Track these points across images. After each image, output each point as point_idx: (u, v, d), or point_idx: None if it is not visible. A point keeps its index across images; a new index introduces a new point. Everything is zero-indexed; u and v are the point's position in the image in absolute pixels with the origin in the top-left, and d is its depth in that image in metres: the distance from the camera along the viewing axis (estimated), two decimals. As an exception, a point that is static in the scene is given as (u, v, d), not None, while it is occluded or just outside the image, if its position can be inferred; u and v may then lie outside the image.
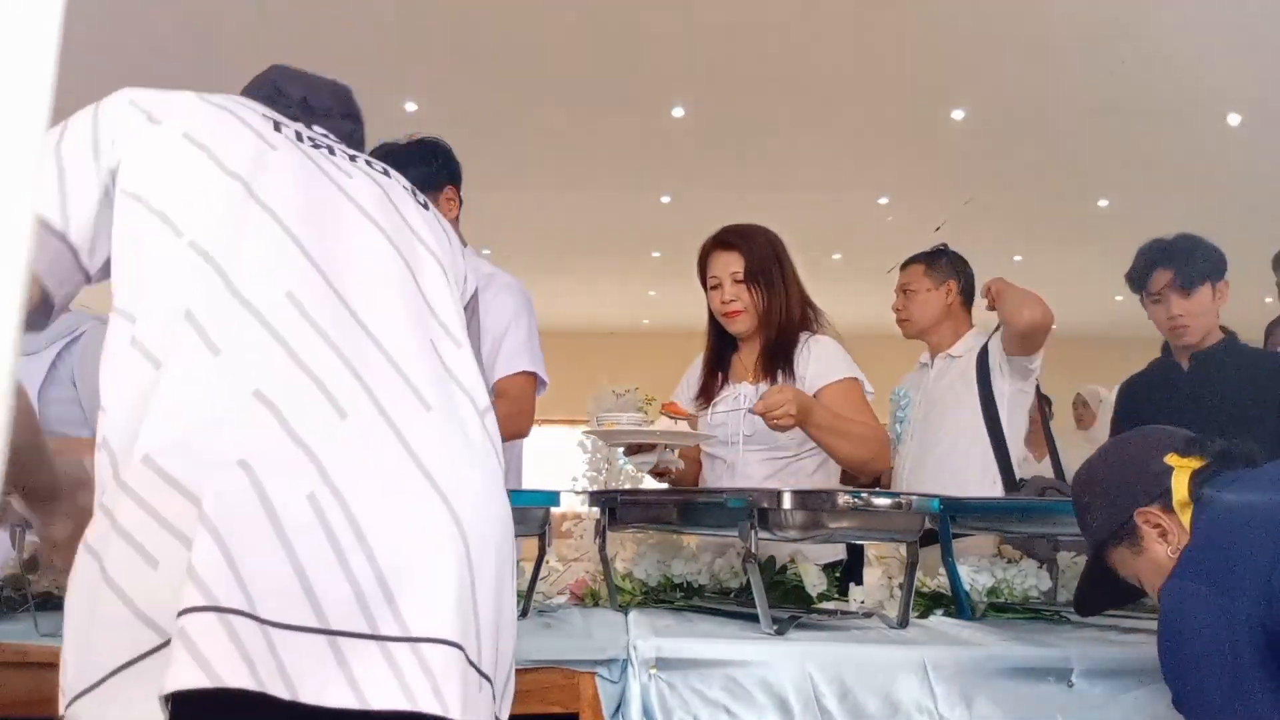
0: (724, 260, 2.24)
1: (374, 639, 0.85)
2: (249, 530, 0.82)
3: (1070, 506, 1.79)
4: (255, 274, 0.95)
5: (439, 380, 1.01)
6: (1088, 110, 5.82)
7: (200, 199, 0.98)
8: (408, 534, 0.89)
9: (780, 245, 2.27)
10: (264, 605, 0.81)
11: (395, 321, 1.01)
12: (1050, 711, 1.45)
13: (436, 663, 0.86)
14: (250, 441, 0.86)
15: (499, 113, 6.05)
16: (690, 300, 3.46)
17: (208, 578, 0.79)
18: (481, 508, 0.96)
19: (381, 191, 1.13)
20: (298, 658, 0.82)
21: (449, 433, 0.97)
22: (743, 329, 2.25)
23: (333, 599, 0.84)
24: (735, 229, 2.28)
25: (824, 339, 2.22)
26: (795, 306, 2.23)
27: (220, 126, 1.05)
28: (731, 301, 2.22)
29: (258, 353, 0.91)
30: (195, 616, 0.78)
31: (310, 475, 0.86)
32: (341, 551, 0.85)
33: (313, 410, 0.89)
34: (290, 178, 1.04)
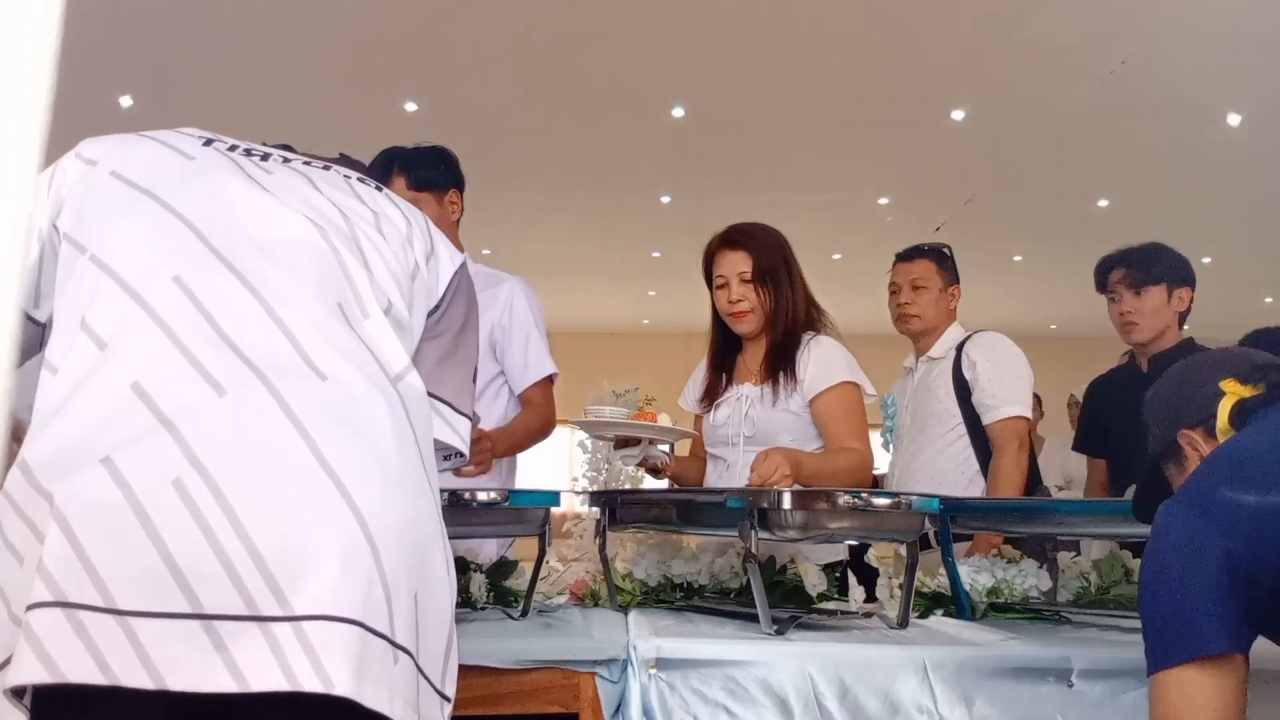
0: (731, 260, 2.22)
1: (253, 620, 0.83)
2: (104, 522, 0.82)
3: (1069, 506, 1.79)
4: (144, 265, 0.97)
5: (342, 348, 0.99)
6: (1088, 110, 5.82)
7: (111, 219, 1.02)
8: (288, 511, 0.87)
9: (786, 244, 2.25)
10: (123, 596, 0.81)
11: (298, 292, 1.00)
12: (1050, 711, 1.45)
13: (321, 639, 0.84)
14: (117, 435, 0.86)
15: (499, 113, 6.04)
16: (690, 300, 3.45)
17: (55, 572, 0.80)
18: (381, 477, 0.93)
19: (305, 181, 1.14)
20: (167, 646, 0.81)
21: (345, 405, 0.95)
22: (749, 329, 2.23)
23: (205, 582, 0.82)
24: (741, 228, 2.26)
25: (826, 340, 2.20)
26: (801, 306, 2.21)
27: (143, 154, 1.09)
28: (739, 302, 2.20)
29: (139, 341, 0.91)
30: (40, 612, 0.79)
31: (177, 460, 0.85)
32: (212, 533, 0.83)
33: (187, 392, 0.89)
34: (203, 182, 1.07)
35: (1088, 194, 7.42)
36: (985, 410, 2.68)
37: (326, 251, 1.05)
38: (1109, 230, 7.26)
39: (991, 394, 2.67)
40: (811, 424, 2.16)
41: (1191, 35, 4.88)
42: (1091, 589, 1.96)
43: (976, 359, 2.71)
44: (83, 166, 1.07)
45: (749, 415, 2.18)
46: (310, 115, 5.95)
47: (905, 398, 2.89)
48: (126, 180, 1.05)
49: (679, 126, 6.30)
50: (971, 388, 2.70)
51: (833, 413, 2.12)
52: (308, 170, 1.17)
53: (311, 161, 1.20)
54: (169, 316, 0.93)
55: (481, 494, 1.69)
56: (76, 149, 1.10)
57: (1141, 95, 5.58)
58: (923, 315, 2.84)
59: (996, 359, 2.71)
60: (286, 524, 0.86)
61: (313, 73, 5.41)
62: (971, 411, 2.70)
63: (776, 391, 2.16)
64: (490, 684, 1.42)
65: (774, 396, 2.15)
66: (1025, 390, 2.71)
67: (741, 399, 2.21)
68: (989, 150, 6.56)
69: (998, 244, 8.48)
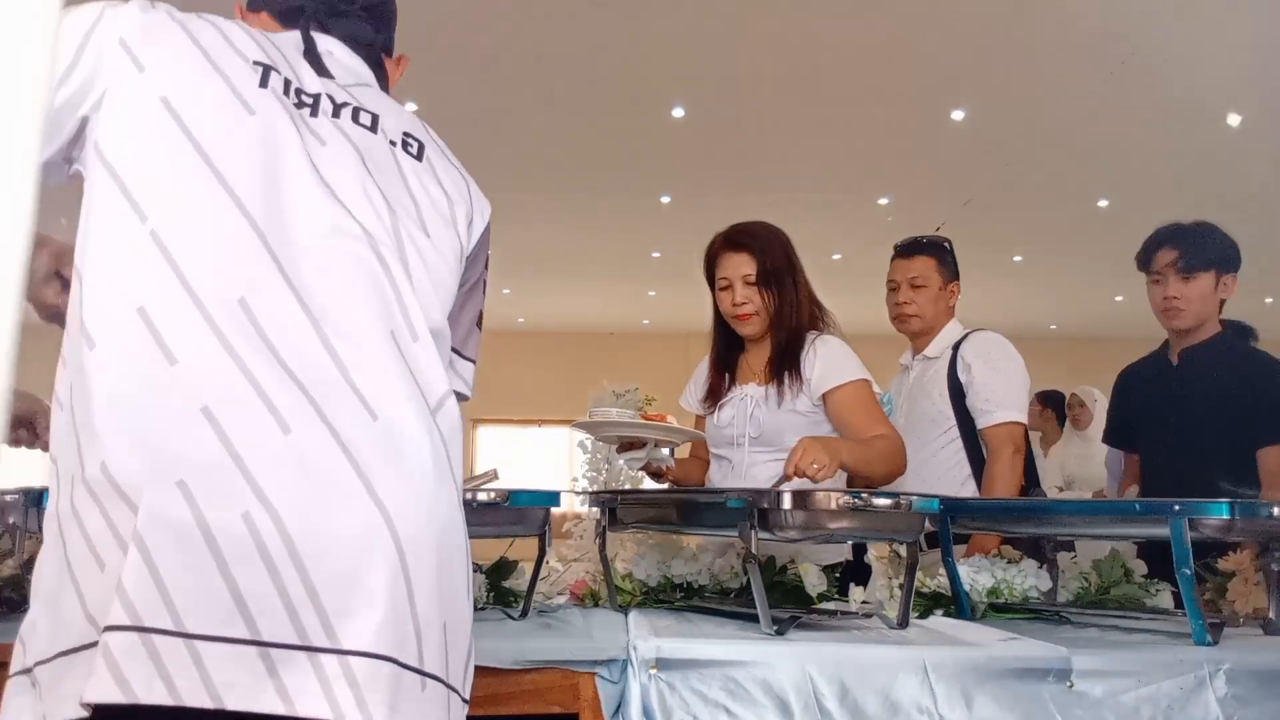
0: (735, 261, 2.19)
1: (304, 650, 0.89)
2: (180, 547, 0.87)
3: (1069, 507, 1.79)
4: (211, 275, 0.95)
5: (392, 381, 1.00)
6: (1088, 110, 5.82)
7: (165, 175, 0.97)
8: (342, 548, 0.92)
9: (790, 245, 2.23)
10: (191, 619, 0.86)
11: (353, 320, 1.00)
12: (1050, 711, 1.45)
13: (364, 675, 0.90)
14: (192, 458, 0.89)
15: (499, 113, 6.04)
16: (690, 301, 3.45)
17: (133, 595, 0.85)
18: (421, 516, 0.97)
19: (355, 156, 1.09)
20: (226, 670, 0.86)
21: (395, 442, 0.98)
22: (754, 331, 2.21)
23: (264, 612, 0.88)
24: (745, 228, 2.24)
25: (830, 339, 2.18)
26: (805, 307, 2.20)
27: (200, 87, 1.01)
28: (744, 304, 2.18)
29: (209, 366, 0.93)
30: (118, 635, 0.84)
31: (245, 493, 0.89)
32: (274, 566, 0.89)
33: (255, 425, 0.92)
34: (259, 156, 1.02)
35: (1088, 194, 7.42)
36: (979, 414, 2.66)
37: (377, 269, 1.04)
38: (1109, 230, 7.28)
39: (985, 398, 2.64)
40: (818, 424, 2.14)
41: (1191, 35, 4.88)
42: (1091, 589, 1.96)
43: (972, 361, 2.68)
44: (127, 62, 0.98)
45: (754, 416, 2.18)
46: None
47: (900, 397, 2.86)
48: (183, 126, 0.98)
49: (679, 126, 6.30)
50: (966, 390, 2.68)
51: (851, 407, 2.11)
52: (359, 139, 1.11)
53: (359, 113, 1.13)
54: (237, 344, 0.94)
55: (481, 494, 1.69)
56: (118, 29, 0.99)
57: (1141, 95, 5.58)
58: (921, 314, 2.80)
59: (992, 362, 2.68)
60: (341, 562, 0.91)
61: None
62: (965, 414, 2.68)
63: (782, 392, 2.14)
64: (490, 684, 1.42)
65: (779, 397, 2.14)
66: (1021, 395, 2.68)
67: (746, 399, 2.20)
68: (989, 150, 6.56)
69: (998, 244, 8.48)
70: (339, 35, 1.20)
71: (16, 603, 1.59)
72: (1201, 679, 1.48)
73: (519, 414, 12.93)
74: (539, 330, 12.47)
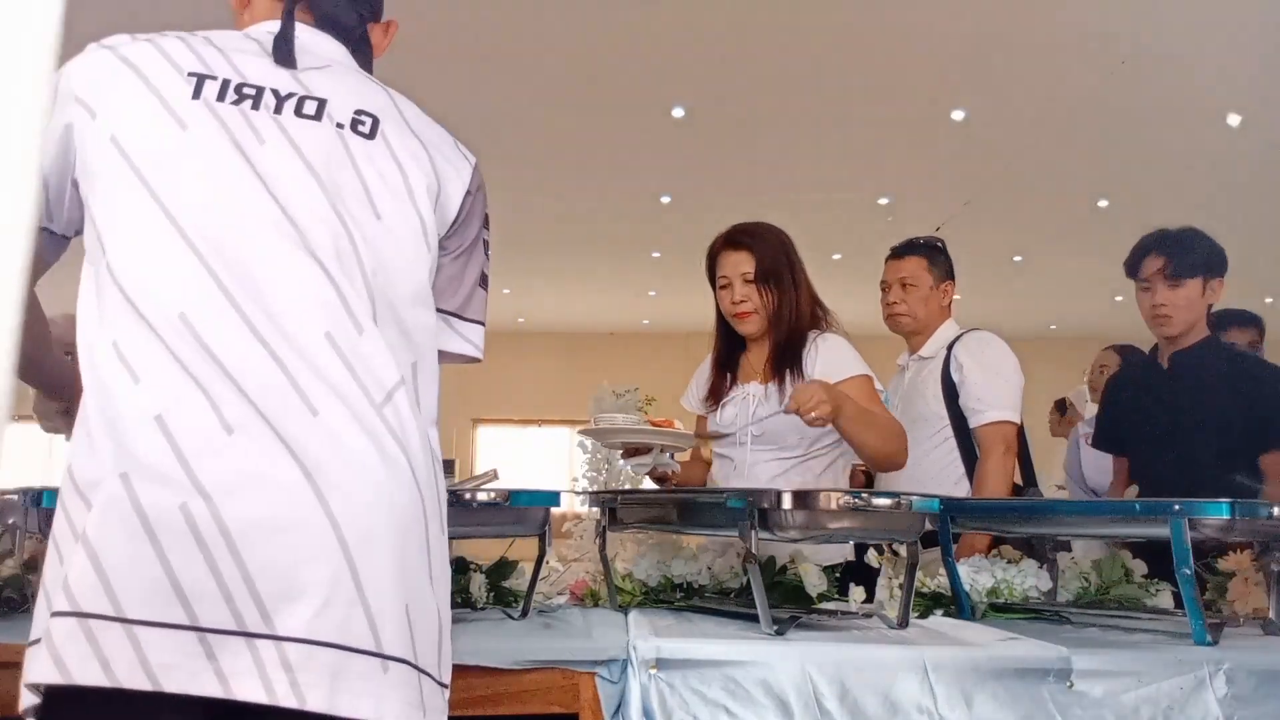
0: (734, 260, 2.20)
1: (241, 635, 0.93)
2: (121, 537, 0.92)
3: (1069, 506, 1.79)
4: (154, 296, 1.01)
5: (334, 379, 1.03)
6: (1088, 110, 5.82)
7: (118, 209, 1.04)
8: (280, 539, 0.96)
9: (790, 244, 2.24)
10: (130, 605, 0.91)
11: (291, 321, 1.03)
12: (1050, 711, 1.45)
13: (299, 660, 0.94)
14: (139, 456, 0.95)
15: (499, 113, 6.04)
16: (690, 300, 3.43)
17: (75, 584, 0.91)
18: (366, 503, 1.00)
19: (296, 155, 1.09)
20: (164, 652, 0.91)
21: (338, 435, 1.01)
22: (753, 330, 2.22)
23: (201, 598, 0.92)
24: (745, 228, 2.25)
25: (832, 337, 2.19)
26: (805, 306, 2.20)
27: (137, 112, 1.07)
28: (742, 302, 2.19)
29: (162, 378, 0.99)
30: (59, 621, 0.90)
31: (185, 486, 0.95)
32: (210, 554, 0.93)
33: (200, 427, 0.97)
34: (192, 166, 1.06)
35: (1088, 194, 7.42)
36: (971, 414, 2.65)
37: (314, 268, 1.06)
38: (1109, 230, 7.27)
39: (978, 397, 2.64)
40: None
41: (1191, 35, 4.88)
42: (1091, 589, 1.96)
43: (964, 361, 2.68)
44: (85, 117, 1.06)
45: (756, 414, 2.18)
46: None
47: (897, 397, 2.86)
48: (128, 159, 1.05)
49: (679, 126, 6.30)
50: (959, 390, 2.68)
51: (854, 397, 2.09)
52: (298, 132, 1.11)
53: (304, 102, 1.13)
54: (182, 354, 0.99)
55: (481, 494, 1.69)
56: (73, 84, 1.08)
57: (1141, 95, 5.58)
58: (912, 314, 2.81)
59: (985, 361, 2.68)
60: (279, 552, 0.95)
61: None
62: (959, 414, 2.68)
63: (783, 390, 2.14)
64: (490, 684, 1.42)
65: (781, 396, 2.14)
66: (1014, 394, 2.67)
67: (748, 398, 2.21)
68: (989, 150, 6.56)
69: (998, 244, 8.48)
70: (316, 16, 1.22)
71: (17, 603, 1.59)
72: (1201, 679, 1.48)
73: (519, 414, 12.94)
74: (539, 330, 12.47)
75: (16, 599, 1.59)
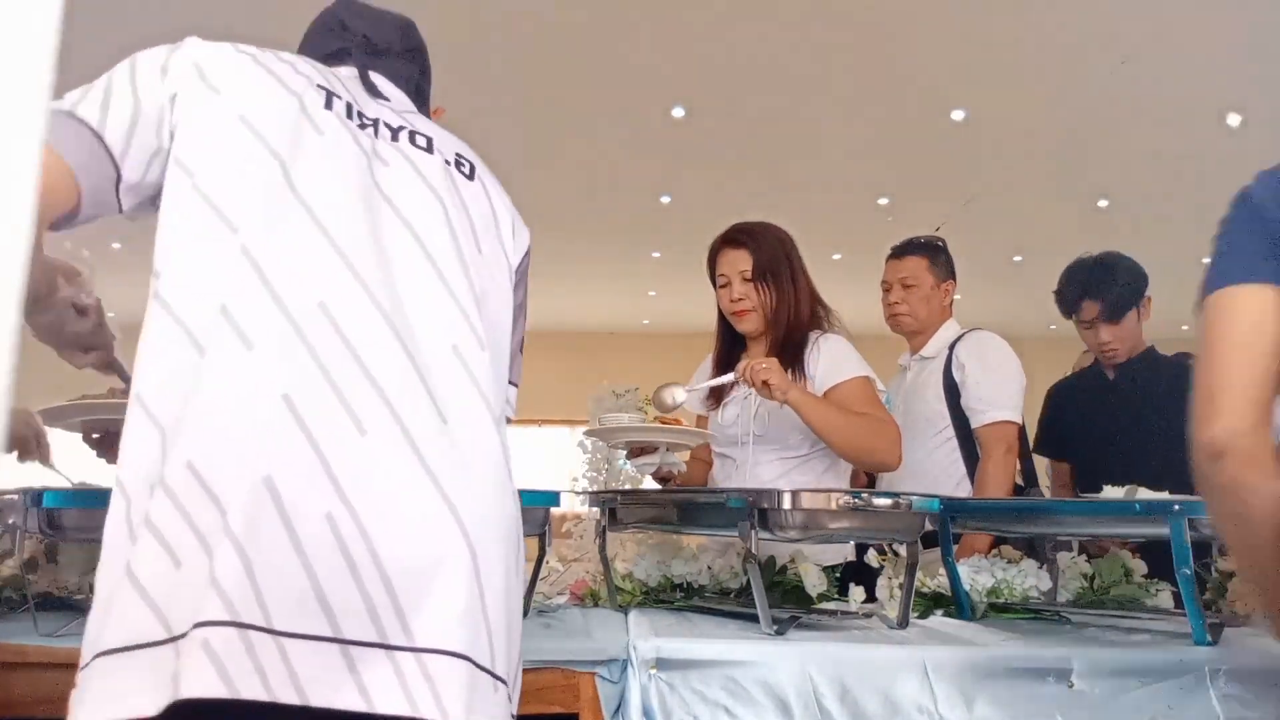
0: (732, 258, 2.22)
1: (383, 648, 0.90)
2: (269, 546, 0.88)
3: (1069, 507, 1.79)
4: (290, 279, 0.98)
5: (460, 390, 1.04)
6: (1087, 110, 5.82)
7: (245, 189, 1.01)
8: (417, 549, 0.94)
9: (790, 243, 2.25)
10: (279, 617, 0.87)
11: (425, 330, 1.04)
12: (1050, 711, 1.45)
13: (439, 672, 0.92)
14: (278, 455, 0.91)
15: (499, 113, 6.04)
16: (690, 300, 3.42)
17: (231, 592, 0.86)
18: (490, 520, 1.00)
19: (419, 178, 1.13)
20: (310, 666, 0.87)
21: (463, 446, 1.01)
22: (751, 328, 2.23)
23: (346, 610, 0.89)
24: (744, 226, 2.27)
25: (834, 337, 2.20)
26: (805, 305, 2.21)
27: (271, 101, 1.06)
28: (740, 300, 2.20)
29: (288, 354, 0.95)
30: (218, 630, 0.84)
31: (329, 493, 0.91)
32: (355, 566, 0.90)
33: (335, 425, 0.94)
34: (331, 168, 1.06)
35: (1088, 194, 7.42)
36: (973, 414, 2.67)
37: (441, 285, 1.08)
38: (1109, 230, 7.28)
39: (979, 397, 2.66)
40: None
41: (1191, 35, 4.88)
42: (1091, 589, 1.96)
43: (966, 360, 2.70)
44: (205, 90, 1.04)
45: (759, 414, 2.18)
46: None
47: (898, 397, 2.87)
48: (261, 138, 1.02)
49: (679, 126, 6.30)
50: (960, 390, 2.69)
51: (852, 398, 2.12)
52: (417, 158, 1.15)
53: (415, 135, 1.18)
54: (317, 343, 0.96)
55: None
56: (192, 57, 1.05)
57: (1141, 95, 5.58)
58: (913, 314, 2.83)
59: (986, 361, 2.70)
60: (418, 562, 0.93)
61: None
62: (960, 414, 2.69)
63: None
64: (490, 684, 1.42)
65: None
66: (1015, 395, 2.69)
67: (750, 398, 2.21)
68: (989, 150, 6.56)
69: (998, 244, 8.47)
70: (383, 72, 1.26)
71: (17, 602, 1.59)
72: (1201, 679, 1.48)
73: (519, 414, 12.88)
74: (539, 330, 12.42)
75: (16, 599, 1.59)
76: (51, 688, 1.34)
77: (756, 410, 2.18)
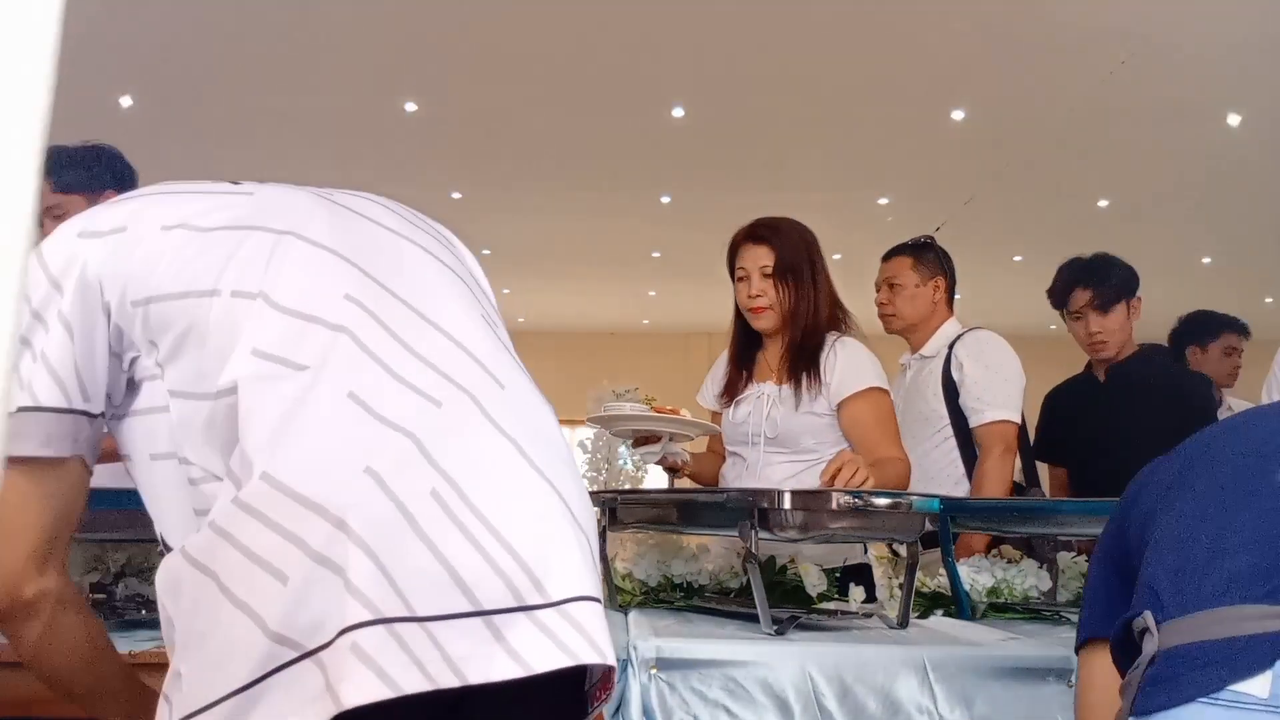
0: (754, 253, 2.18)
1: (522, 610, 0.89)
2: (393, 538, 0.87)
3: (1069, 506, 1.79)
4: (306, 288, 0.98)
5: (503, 356, 1.04)
6: (1087, 110, 5.82)
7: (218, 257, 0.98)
8: (523, 510, 0.93)
9: (814, 242, 2.22)
10: (420, 603, 0.86)
11: (448, 306, 1.04)
12: (1050, 711, 1.46)
13: (584, 618, 0.92)
14: (366, 444, 0.90)
15: (499, 113, 6.04)
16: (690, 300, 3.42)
17: (368, 591, 0.84)
18: (567, 474, 1.00)
19: (387, 210, 1.15)
20: (460, 645, 0.86)
21: (525, 408, 1.02)
22: (767, 325, 2.20)
23: (478, 582, 0.88)
24: (768, 222, 2.24)
25: (851, 342, 2.16)
26: (824, 306, 2.17)
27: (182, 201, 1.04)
28: (758, 297, 2.17)
29: (337, 357, 0.94)
30: (364, 632, 0.83)
31: (426, 470, 0.90)
32: (472, 537, 0.89)
33: (406, 402, 0.93)
34: (286, 204, 1.06)
35: (1088, 194, 7.42)
36: (971, 413, 2.65)
37: (455, 275, 1.09)
38: (1109, 230, 7.28)
39: (977, 396, 2.64)
40: (835, 427, 2.12)
41: (1191, 35, 4.88)
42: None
43: (964, 360, 2.68)
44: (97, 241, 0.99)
45: (770, 416, 2.16)
46: (310, 115, 5.94)
47: (899, 396, 2.86)
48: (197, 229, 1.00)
49: (679, 126, 6.30)
50: (959, 389, 2.68)
51: (866, 420, 2.09)
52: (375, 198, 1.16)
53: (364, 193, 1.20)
54: (359, 331, 0.95)
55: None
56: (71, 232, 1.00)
57: (1141, 95, 5.58)
58: (898, 313, 2.82)
59: (985, 361, 2.69)
60: (527, 522, 0.93)
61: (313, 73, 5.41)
62: (959, 413, 2.68)
63: (799, 393, 2.12)
64: (490, 684, 1.42)
65: (796, 398, 2.12)
66: (1014, 394, 2.67)
67: (763, 398, 2.18)
68: (989, 150, 6.56)
69: (998, 244, 8.47)
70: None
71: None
72: (1201, 679, 1.48)
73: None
74: (539, 330, 12.45)
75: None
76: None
77: (768, 412, 2.16)
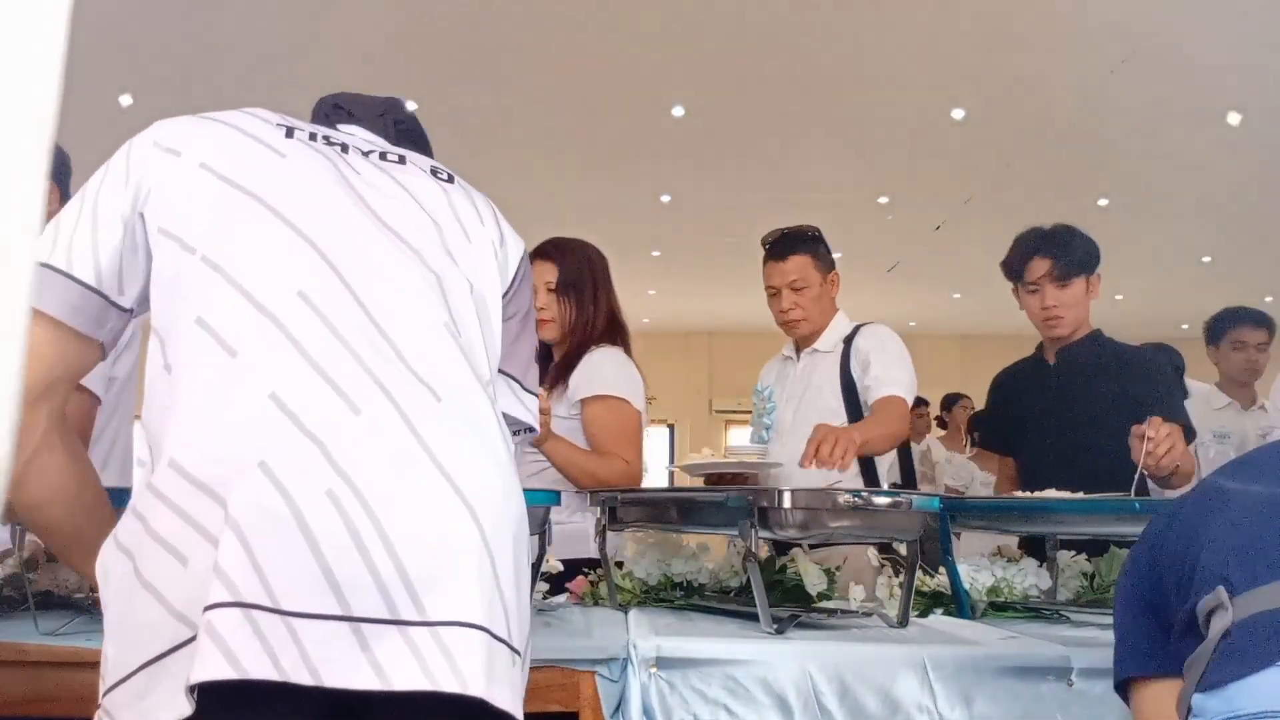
0: (539, 269, 2.38)
1: (395, 624, 0.89)
2: (272, 528, 0.87)
3: (1070, 506, 1.79)
4: (265, 275, 0.99)
5: (452, 369, 1.04)
6: (1088, 110, 5.82)
7: (209, 215, 1.03)
8: (422, 524, 0.93)
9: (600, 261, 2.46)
10: (286, 598, 0.86)
11: (407, 312, 1.04)
12: (1050, 711, 1.46)
13: (455, 644, 0.90)
14: (268, 443, 0.91)
15: (499, 113, 6.04)
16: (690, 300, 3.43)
17: (232, 575, 0.85)
18: (494, 493, 0.99)
19: (392, 181, 1.16)
20: (322, 646, 0.86)
21: (459, 422, 1.01)
22: (548, 337, 2.42)
23: (354, 588, 0.88)
24: (556, 241, 2.47)
25: (605, 351, 2.38)
26: (602, 322, 2.41)
27: (229, 145, 1.09)
28: (542, 310, 2.39)
29: (271, 354, 0.95)
30: (221, 611, 0.84)
31: (326, 472, 0.91)
32: (362, 543, 0.89)
33: (327, 409, 0.94)
34: (299, 182, 1.08)
35: (1088, 194, 7.42)
36: (868, 392, 2.53)
37: (427, 274, 1.09)
38: (1109, 230, 7.27)
39: (875, 376, 2.52)
40: (573, 432, 2.35)
41: (1191, 35, 4.88)
42: (1091, 588, 1.96)
43: (865, 349, 2.58)
44: (164, 155, 1.06)
45: None
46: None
47: (784, 389, 2.72)
48: (221, 176, 1.05)
49: (679, 126, 6.30)
50: (858, 381, 2.57)
51: (600, 422, 2.32)
52: (389, 168, 1.18)
53: (388, 154, 1.21)
54: (298, 331, 0.96)
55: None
56: (151, 135, 1.09)
57: (1141, 95, 5.58)
58: (809, 317, 2.65)
59: (885, 349, 2.58)
60: (424, 537, 0.92)
61: (312, 72, 5.40)
62: (858, 411, 2.56)
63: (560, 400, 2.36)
64: (491, 683, 1.42)
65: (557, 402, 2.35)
66: (910, 379, 2.55)
67: None
68: (989, 150, 6.56)
69: (997, 244, 8.45)
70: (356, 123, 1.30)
71: (17, 601, 1.59)
72: (1201, 678, 1.48)
73: (519, 414, 12.88)
74: (539, 330, 12.47)
75: (16, 598, 1.59)
76: (52, 687, 1.34)
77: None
